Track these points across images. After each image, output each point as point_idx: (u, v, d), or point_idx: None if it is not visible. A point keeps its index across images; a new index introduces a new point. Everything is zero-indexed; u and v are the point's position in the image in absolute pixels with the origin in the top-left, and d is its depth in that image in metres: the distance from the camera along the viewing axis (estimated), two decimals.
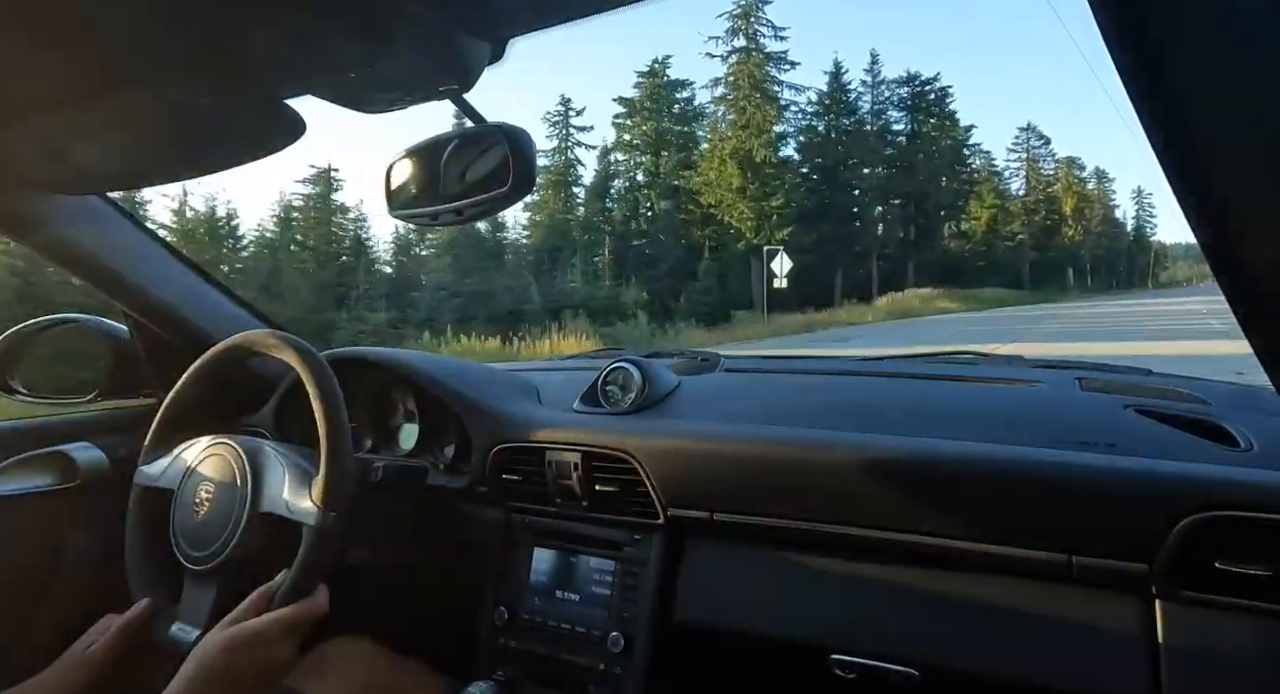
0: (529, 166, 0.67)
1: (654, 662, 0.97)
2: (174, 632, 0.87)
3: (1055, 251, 52.60)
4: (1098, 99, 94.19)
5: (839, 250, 34.38)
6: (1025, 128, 53.48)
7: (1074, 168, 57.69)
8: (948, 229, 45.79)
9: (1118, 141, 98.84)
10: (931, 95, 42.09)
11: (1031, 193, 51.07)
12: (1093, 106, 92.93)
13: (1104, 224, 60.98)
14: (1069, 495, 0.76)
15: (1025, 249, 48.86)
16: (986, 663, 0.80)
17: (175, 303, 1.21)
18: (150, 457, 0.99)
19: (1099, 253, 59.92)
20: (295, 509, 0.85)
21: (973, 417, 0.93)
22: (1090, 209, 57.89)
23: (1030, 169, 52.09)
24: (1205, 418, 0.87)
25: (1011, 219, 48.89)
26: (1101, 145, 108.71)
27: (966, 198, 45.57)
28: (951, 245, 45.64)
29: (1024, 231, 49.16)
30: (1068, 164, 57.37)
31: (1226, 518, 0.69)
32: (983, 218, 46.64)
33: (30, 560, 1.14)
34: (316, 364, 0.89)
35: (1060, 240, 53.44)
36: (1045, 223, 51.66)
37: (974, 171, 46.06)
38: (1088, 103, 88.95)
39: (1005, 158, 52.11)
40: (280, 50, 0.59)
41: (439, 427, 1.22)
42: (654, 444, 0.99)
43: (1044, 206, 51.80)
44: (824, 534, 0.89)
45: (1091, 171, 62.53)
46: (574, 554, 1.06)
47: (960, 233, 46.40)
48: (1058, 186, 55.01)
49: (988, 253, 46.08)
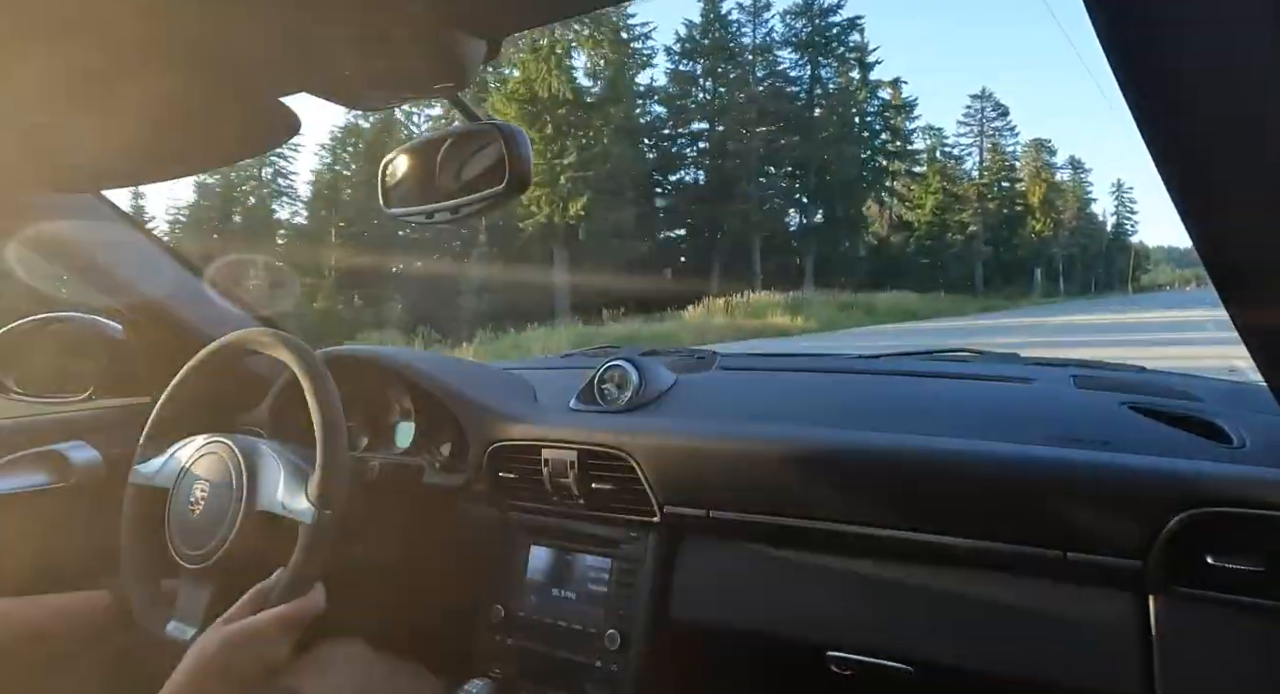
0: (524, 165, 0.67)
1: (650, 659, 0.98)
2: (170, 630, 0.87)
3: (1022, 248, 45.76)
4: (1072, 79, 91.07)
5: (715, 237, 27.78)
6: (979, 95, 44.89)
7: (1043, 151, 50.34)
8: (888, 217, 38.85)
9: (1095, 127, 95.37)
10: (835, 30, 31.27)
11: (986, 174, 43.18)
12: (1068, 86, 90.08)
13: (1079, 219, 54.71)
14: (1063, 492, 0.77)
15: (978, 243, 41.15)
16: (981, 659, 0.81)
17: (170, 301, 1.21)
18: (145, 455, 0.98)
19: (1073, 251, 53.74)
20: (291, 508, 0.85)
21: (968, 414, 0.94)
22: (1063, 201, 51.45)
23: (986, 145, 44.11)
24: (1199, 414, 0.87)
25: (962, 206, 40.91)
26: (1077, 133, 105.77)
27: (893, 176, 37.27)
28: (894, 238, 38.90)
29: (976, 221, 40.98)
30: (1036, 148, 50.16)
31: (1219, 514, 0.70)
32: (927, 204, 39.05)
33: (24, 560, 1.14)
34: (312, 362, 0.89)
35: (1026, 235, 46.44)
36: (1004, 213, 44.32)
37: (907, 141, 37.47)
38: (1061, 81, 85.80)
39: (956, 132, 43.79)
40: (274, 48, 0.59)
41: (435, 425, 1.22)
42: (650, 442, 0.99)
43: (1004, 193, 44.35)
44: (820, 531, 0.89)
45: (1066, 160, 56.07)
46: (570, 552, 1.07)
47: (903, 223, 39.32)
48: (1023, 172, 47.69)
49: (934, 248, 38.83)
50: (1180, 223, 0.46)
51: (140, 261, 1.18)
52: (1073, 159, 57.12)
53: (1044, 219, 48.24)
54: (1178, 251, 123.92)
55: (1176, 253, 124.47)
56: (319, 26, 0.55)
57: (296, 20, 0.55)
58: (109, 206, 1.13)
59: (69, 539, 1.17)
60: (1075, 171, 55.75)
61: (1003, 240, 44.13)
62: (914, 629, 0.85)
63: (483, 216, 0.79)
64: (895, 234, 38.93)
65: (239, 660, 0.77)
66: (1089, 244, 57.43)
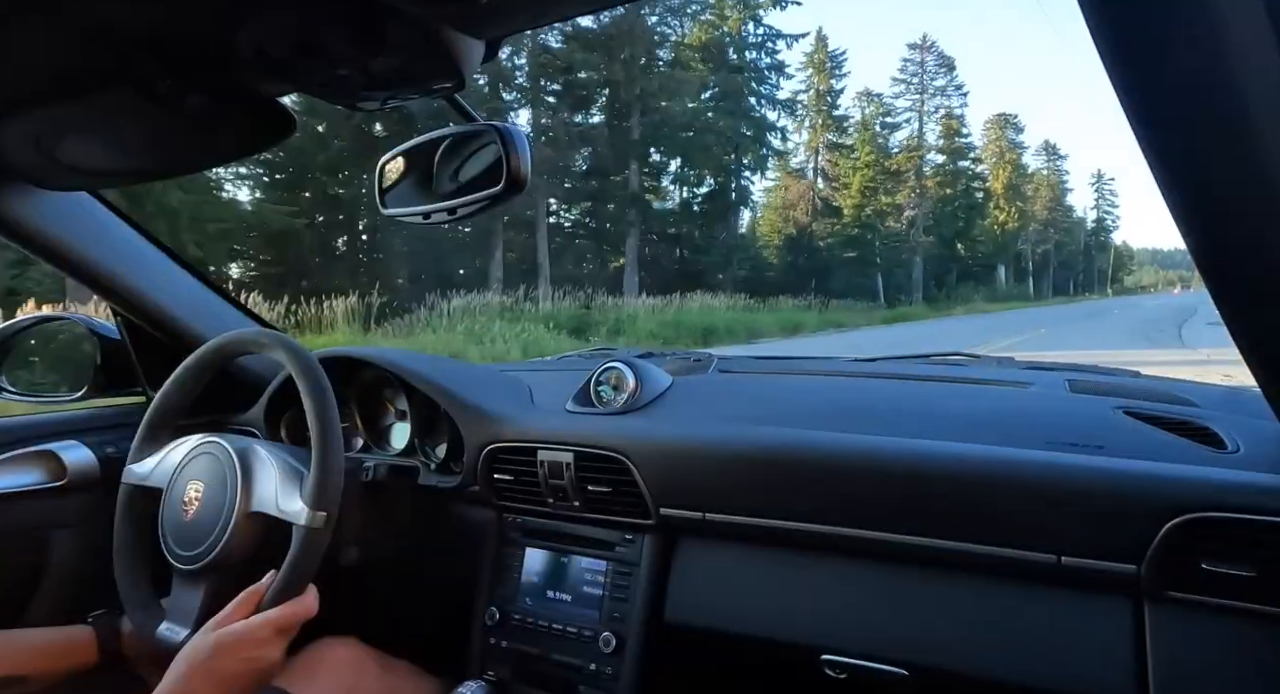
0: (522, 166, 0.67)
1: (645, 662, 0.97)
2: (162, 631, 0.86)
3: (983, 243, 38.44)
4: (1042, 48, 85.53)
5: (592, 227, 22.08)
6: (918, 45, 34.94)
7: (1009, 128, 42.08)
8: (811, 201, 29.40)
9: (1074, 112, 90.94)
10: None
11: (924, 145, 33.80)
12: (1038, 57, 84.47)
13: (1054, 210, 47.83)
14: (1058, 497, 0.77)
15: (917, 232, 31.88)
16: (976, 664, 0.81)
17: (166, 301, 1.21)
18: (139, 455, 0.98)
19: (1047, 247, 47.28)
20: (285, 509, 0.85)
21: (963, 418, 0.94)
22: (1033, 188, 44.85)
23: (930, 108, 34.22)
24: (1193, 420, 0.87)
25: (893, 186, 31.47)
26: (1052, 117, 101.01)
27: (774, 146, 26.21)
28: (817, 226, 29.33)
29: (914, 205, 31.85)
30: (999, 124, 41.87)
31: (1213, 519, 0.70)
32: (854, 183, 30.20)
33: (17, 559, 1.13)
34: (308, 363, 0.89)
35: (988, 226, 38.65)
36: (958, 198, 35.39)
37: (781, 72, 26.04)
38: (1030, 50, 79.15)
39: (891, 92, 34.33)
40: (271, 47, 0.59)
41: (431, 426, 1.22)
42: (646, 444, 0.99)
43: (956, 172, 35.37)
44: (815, 535, 0.89)
45: (1040, 146, 49.72)
46: (565, 554, 1.06)
47: (830, 208, 30.18)
48: (985, 152, 39.82)
49: (859, 239, 29.62)
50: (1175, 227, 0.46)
51: (136, 262, 1.18)
52: (1047, 144, 50.75)
53: (1009, 208, 40.79)
54: (1162, 253, 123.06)
55: (1161, 254, 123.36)
56: (317, 27, 0.55)
57: (295, 20, 0.55)
58: (104, 206, 1.12)
59: (61, 539, 1.17)
60: (1049, 158, 49.58)
61: (959, 231, 36.36)
62: (909, 633, 0.85)
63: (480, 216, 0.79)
64: (820, 221, 29.85)
65: (230, 664, 0.77)
66: (1065, 240, 51.83)
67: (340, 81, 0.65)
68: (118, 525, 0.95)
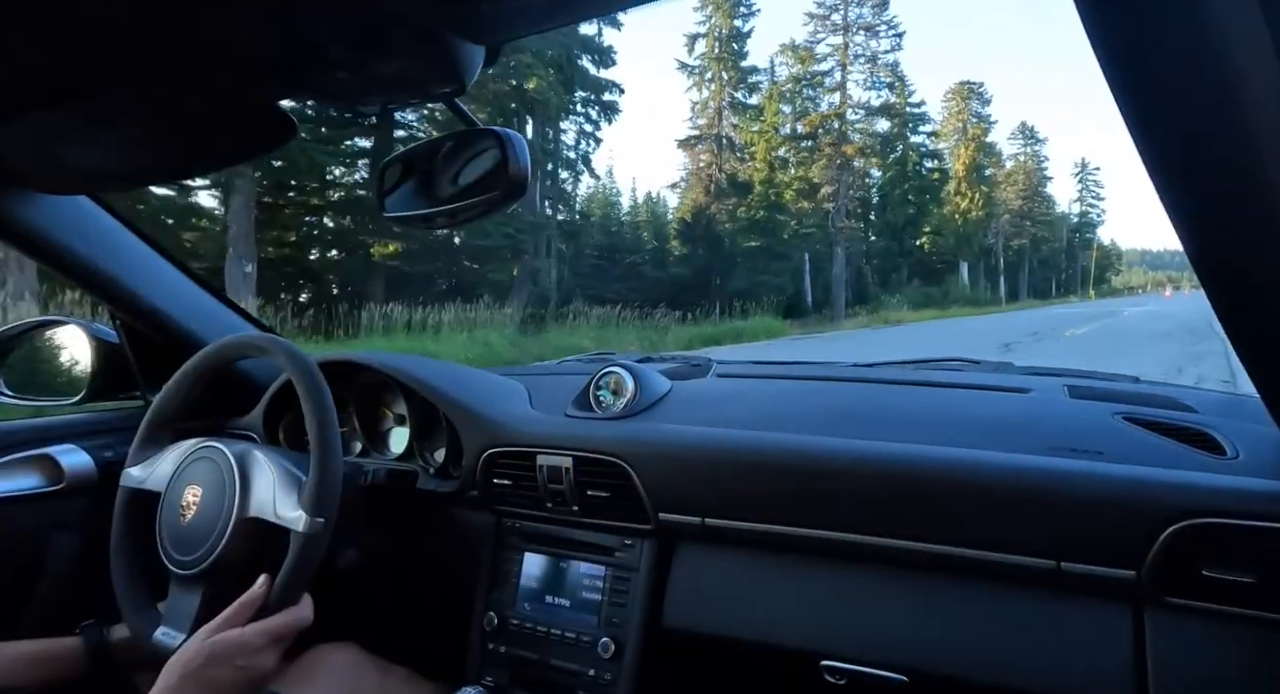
0: (522, 171, 0.67)
1: (644, 667, 0.97)
2: (158, 636, 0.86)
3: (943, 235, 32.11)
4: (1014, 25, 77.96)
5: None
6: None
7: (973, 98, 35.30)
8: (712, 174, 23.16)
9: (1052, 95, 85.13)
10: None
11: (848, 101, 26.02)
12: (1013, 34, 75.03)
13: (1030, 200, 41.57)
14: (1057, 502, 0.77)
15: (837, 216, 24.70)
16: (975, 669, 0.81)
17: (164, 305, 1.21)
18: (137, 458, 0.98)
19: (1022, 242, 41.18)
20: (283, 515, 0.85)
21: (962, 423, 0.94)
22: (1004, 174, 38.84)
23: (854, 52, 25.97)
24: (1193, 425, 0.87)
25: (809, 156, 24.87)
26: (1030, 98, 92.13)
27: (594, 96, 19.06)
28: (717, 209, 23.20)
29: (833, 179, 24.60)
30: (962, 93, 35.21)
31: (1213, 525, 0.70)
32: (760, 151, 23.93)
33: (13, 563, 1.13)
34: (307, 368, 0.89)
35: (947, 215, 32.38)
36: (906, 179, 28.73)
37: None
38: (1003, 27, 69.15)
39: (810, 36, 26.22)
40: (270, 51, 0.59)
41: (429, 430, 1.22)
42: (645, 449, 0.99)
43: (887, 139, 27.76)
44: (815, 540, 0.89)
45: (1016, 128, 44.93)
46: (564, 559, 1.06)
47: (738, 184, 23.62)
48: (945, 126, 33.47)
49: (765, 224, 23.28)
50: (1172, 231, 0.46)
51: (135, 266, 1.18)
52: (1024, 126, 45.22)
53: (972, 193, 33.72)
54: (1152, 254, 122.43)
55: (1151, 255, 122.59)
56: (319, 30, 0.55)
57: (296, 24, 0.55)
58: (104, 209, 1.12)
59: (58, 543, 1.16)
60: (1026, 141, 43.67)
61: (909, 219, 29.70)
62: (908, 639, 0.85)
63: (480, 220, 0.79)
64: (722, 202, 23.24)
65: (223, 673, 0.77)
66: (1045, 235, 45.64)
67: (340, 86, 0.65)
68: (115, 528, 0.95)
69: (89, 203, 1.10)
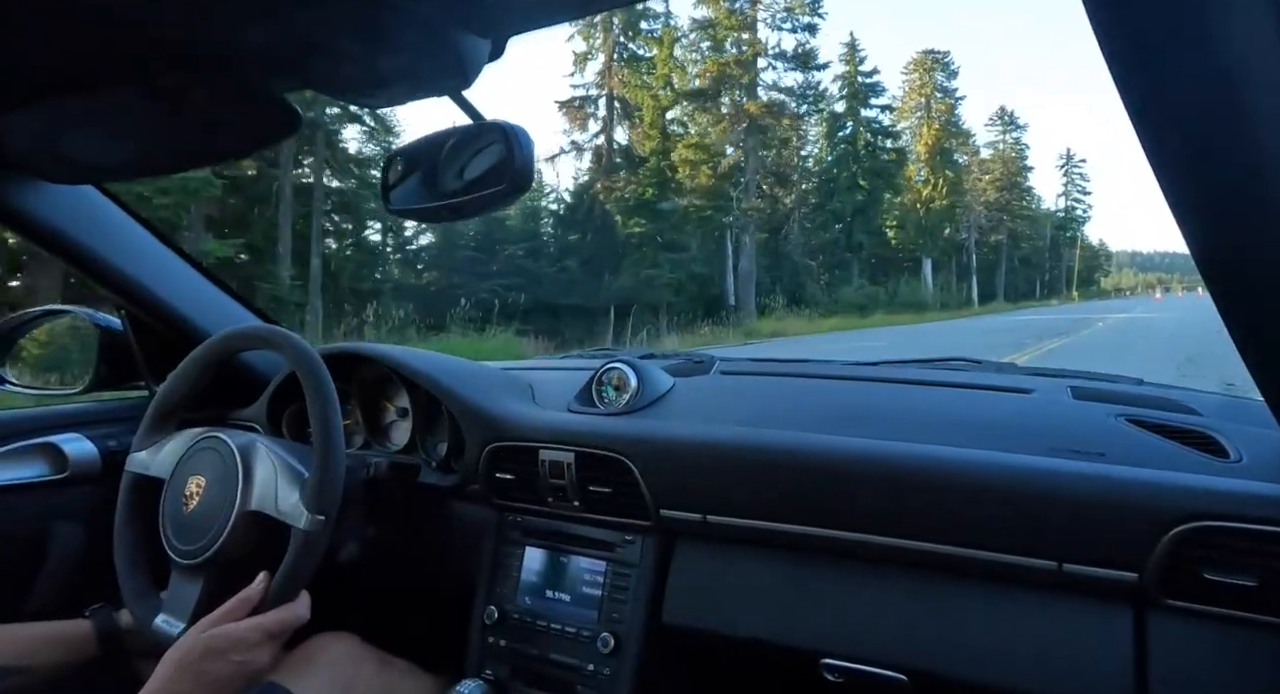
0: (527, 165, 0.67)
1: (643, 663, 0.97)
2: (159, 624, 0.87)
3: (903, 227, 28.10)
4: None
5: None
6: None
7: (937, 69, 30.71)
8: (605, 151, 18.98)
9: (1035, 79, 78.62)
10: None
11: (754, 49, 20.81)
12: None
13: (1006, 190, 37.74)
14: (1059, 503, 0.77)
15: (746, 194, 20.26)
16: (975, 670, 0.81)
17: (169, 295, 1.21)
18: (142, 444, 0.98)
19: (999, 238, 37.29)
20: (284, 510, 0.85)
21: (965, 423, 0.93)
22: (979, 162, 34.95)
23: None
24: (1197, 428, 0.87)
25: (708, 119, 20.21)
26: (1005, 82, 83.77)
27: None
28: (602, 188, 19.23)
29: (737, 141, 20.35)
30: (925, 64, 30.69)
31: (1216, 528, 0.70)
32: (648, 112, 19.62)
33: (17, 552, 1.13)
34: (312, 361, 0.89)
35: (907, 204, 28.35)
36: (852, 160, 24.57)
37: None
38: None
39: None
40: (276, 44, 0.59)
41: (432, 424, 1.22)
42: (647, 445, 0.99)
43: (810, 96, 22.73)
44: (815, 538, 0.89)
45: (995, 112, 40.77)
46: (565, 554, 1.06)
47: (633, 160, 19.58)
48: (906, 103, 29.64)
49: (652, 205, 19.08)
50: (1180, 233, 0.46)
51: (140, 256, 1.18)
52: (1002, 111, 40.96)
53: (936, 179, 29.35)
54: (1142, 255, 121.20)
55: (1141, 256, 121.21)
56: (325, 24, 0.55)
57: (302, 17, 0.55)
58: (109, 199, 1.13)
59: (62, 531, 1.17)
60: (1006, 128, 39.81)
61: (859, 207, 25.20)
62: (908, 638, 0.85)
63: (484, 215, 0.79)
64: (609, 180, 19.40)
65: (219, 667, 0.77)
66: (1026, 231, 41.73)
67: (346, 79, 0.65)
68: (119, 513, 0.96)
69: (95, 192, 1.11)
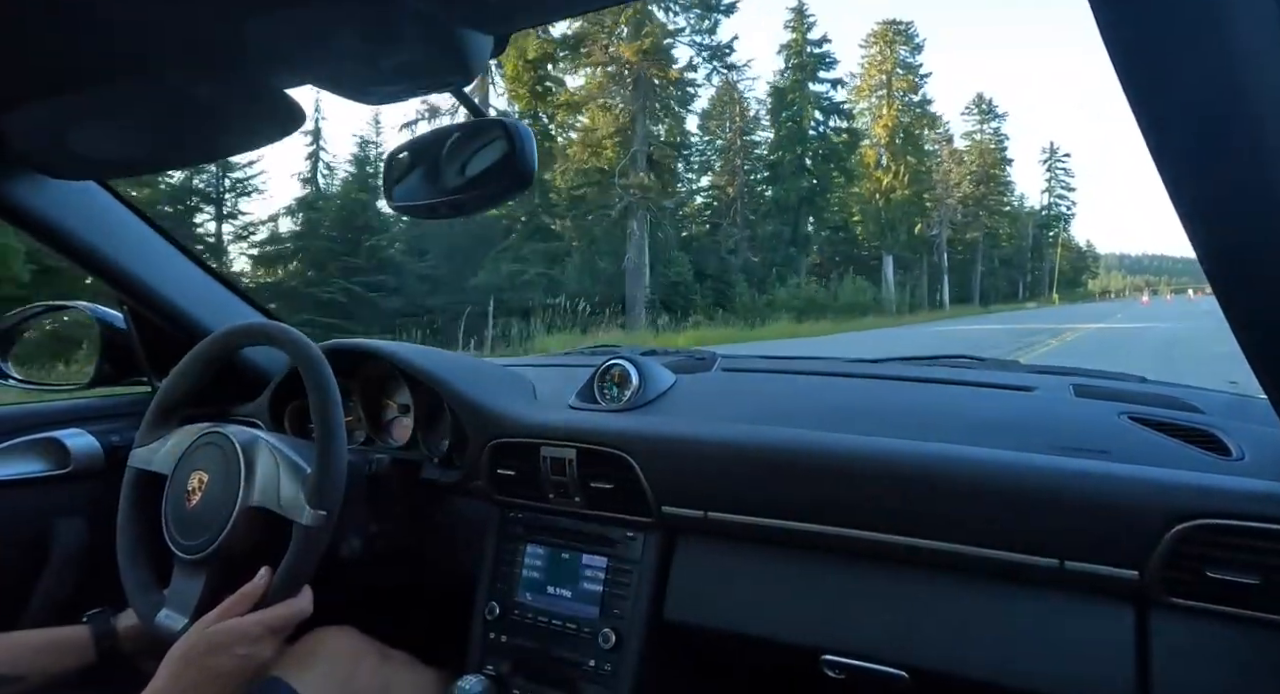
0: (529, 161, 0.67)
1: (645, 659, 0.98)
2: (161, 618, 0.87)
3: (862, 220, 25.40)
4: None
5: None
6: None
7: (900, 41, 27.60)
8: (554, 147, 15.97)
9: (1020, 67, 75.62)
10: None
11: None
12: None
13: (983, 184, 35.22)
14: (1061, 501, 0.77)
15: (634, 167, 16.34)
16: (976, 667, 0.81)
17: (172, 291, 1.21)
18: (145, 439, 0.99)
19: (975, 235, 34.71)
20: (286, 506, 0.86)
21: (967, 421, 0.93)
22: (951, 152, 32.32)
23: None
24: (1199, 426, 0.87)
25: (613, 98, 16.58)
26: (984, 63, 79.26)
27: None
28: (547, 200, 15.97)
29: (610, 107, 16.58)
30: (885, 37, 27.69)
31: (1218, 526, 0.69)
32: (510, 66, 16.72)
33: (20, 547, 1.14)
34: (314, 358, 0.89)
35: (865, 194, 25.59)
36: (797, 136, 21.75)
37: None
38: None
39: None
40: (280, 40, 0.59)
41: (434, 420, 1.22)
42: (649, 442, 0.99)
43: (709, 50, 18.71)
44: (817, 535, 0.89)
45: (971, 100, 38.61)
46: (566, 550, 1.06)
47: (552, 154, 17.11)
48: (865, 83, 26.97)
49: (584, 200, 16.62)
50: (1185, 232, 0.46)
51: (143, 251, 1.18)
52: (980, 99, 38.58)
53: (897, 167, 26.14)
54: (1130, 258, 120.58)
55: (1129, 259, 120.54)
56: (327, 20, 0.55)
57: (305, 14, 0.55)
58: (112, 195, 1.13)
59: (65, 526, 1.17)
60: (983, 117, 37.62)
61: (806, 197, 22.48)
62: (909, 635, 0.85)
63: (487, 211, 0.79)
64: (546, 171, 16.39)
65: (223, 662, 0.78)
66: (1005, 229, 39.46)
67: (348, 74, 0.65)
68: (122, 508, 0.96)
69: (98, 188, 1.11)
